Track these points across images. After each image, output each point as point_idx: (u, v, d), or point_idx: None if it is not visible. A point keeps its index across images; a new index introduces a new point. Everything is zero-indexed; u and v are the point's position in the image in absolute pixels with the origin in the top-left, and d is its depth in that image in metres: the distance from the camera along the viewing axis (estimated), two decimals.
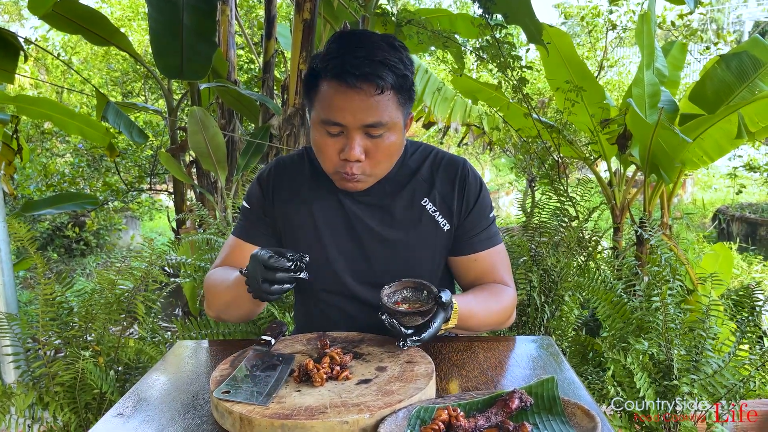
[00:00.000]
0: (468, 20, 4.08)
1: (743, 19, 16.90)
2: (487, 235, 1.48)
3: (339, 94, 1.26)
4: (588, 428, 0.97)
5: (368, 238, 1.44)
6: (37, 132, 6.87)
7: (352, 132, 1.29)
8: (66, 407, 1.89)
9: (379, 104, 1.26)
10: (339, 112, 1.27)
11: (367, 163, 1.33)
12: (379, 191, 1.45)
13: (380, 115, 1.27)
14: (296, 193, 1.49)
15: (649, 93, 3.11)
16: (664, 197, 3.56)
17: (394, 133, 1.33)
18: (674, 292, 1.98)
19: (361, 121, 1.27)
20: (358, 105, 1.26)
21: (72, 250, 7.38)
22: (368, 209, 1.45)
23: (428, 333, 1.17)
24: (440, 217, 1.45)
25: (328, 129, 1.30)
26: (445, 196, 1.46)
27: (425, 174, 1.47)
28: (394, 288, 1.24)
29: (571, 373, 1.25)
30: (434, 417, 0.98)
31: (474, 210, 1.47)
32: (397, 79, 1.27)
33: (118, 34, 3.83)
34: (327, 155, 1.34)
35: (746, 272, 4.51)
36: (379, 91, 1.25)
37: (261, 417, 0.99)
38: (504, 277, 1.49)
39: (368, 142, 1.31)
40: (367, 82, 1.24)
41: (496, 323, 1.44)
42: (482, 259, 1.48)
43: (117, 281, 1.98)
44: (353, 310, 1.48)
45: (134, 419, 1.10)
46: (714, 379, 1.81)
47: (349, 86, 1.24)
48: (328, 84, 1.28)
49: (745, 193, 8.20)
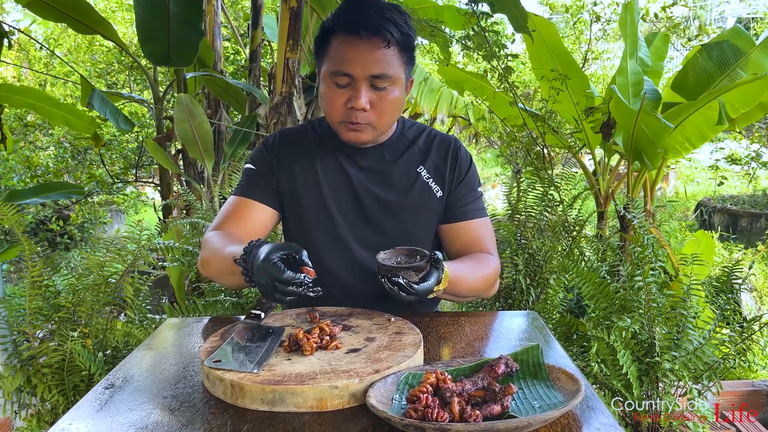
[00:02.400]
0: (454, 11, 4.09)
1: (726, 15, 17.06)
2: (475, 206, 1.58)
3: (349, 45, 1.37)
4: (572, 390, 1.00)
5: (368, 200, 1.53)
6: (20, 125, 6.80)
7: (359, 82, 1.38)
8: (54, 389, 1.89)
9: (385, 57, 1.37)
10: (348, 63, 1.37)
11: (372, 114, 1.41)
12: (379, 157, 1.54)
13: (386, 68, 1.37)
14: (301, 157, 1.56)
15: (632, 81, 3.15)
16: (647, 185, 3.61)
17: (397, 88, 1.42)
18: (656, 273, 2.02)
19: (368, 72, 1.37)
20: (367, 56, 1.36)
21: (56, 244, 7.32)
22: (368, 173, 1.54)
23: (424, 285, 1.21)
24: (433, 183, 1.55)
25: (336, 80, 1.39)
26: (439, 165, 1.56)
27: (421, 145, 1.58)
28: (388, 254, 1.29)
29: (556, 344, 1.28)
30: (422, 380, 1.00)
31: (464, 180, 1.57)
32: (402, 36, 1.38)
33: (103, 23, 3.80)
34: (335, 106, 1.42)
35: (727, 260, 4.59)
36: (385, 44, 1.36)
37: (252, 383, 1.01)
38: (489, 247, 1.56)
39: (373, 94, 1.40)
40: (375, 35, 1.35)
41: (481, 289, 1.50)
42: (470, 227, 1.56)
43: (105, 262, 1.98)
44: (350, 277, 1.53)
45: (124, 390, 1.10)
46: (695, 356, 1.85)
47: (360, 37, 1.35)
48: (338, 38, 1.39)
49: (726, 186, 8.32)
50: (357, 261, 1.53)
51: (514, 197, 2.78)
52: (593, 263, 2.19)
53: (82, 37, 7.79)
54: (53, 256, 2.10)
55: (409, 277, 1.22)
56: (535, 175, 2.78)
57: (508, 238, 2.56)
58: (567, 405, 0.93)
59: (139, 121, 6.44)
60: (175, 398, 1.06)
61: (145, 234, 2.01)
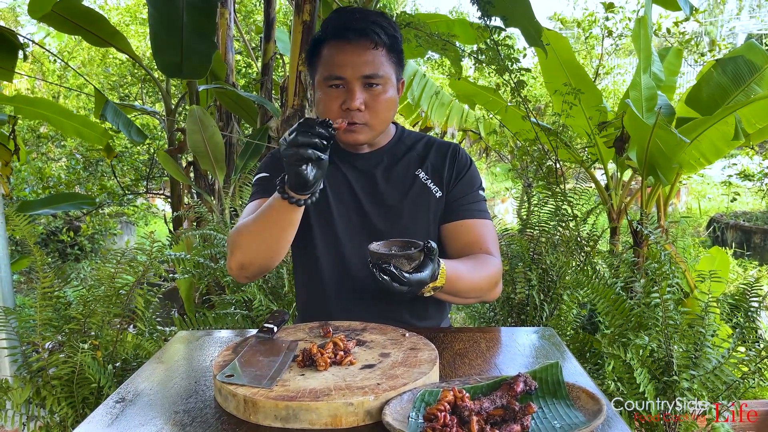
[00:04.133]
0: (466, 25, 4.10)
1: (736, 31, 17.04)
2: (476, 207, 1.56)
3: (339, 51, 1.43)
4: (593, 411, 0.97)
5: (370, 203, 1.54)
6: (33, 136, 6.86)
7: (352, 84, 1.42)
8: (63, 401, 1.88)
9: (375, 58, 1.43)
10: (339, 67, 1.42)
11: (367, 113, 1.45)
12: (377, 162, 1.57)
13: (376, 68, 1.43)
14: None
15: (646, 96, 3.13)
16: (661, 201, 3.57)
17: (389, 88, 1.46)
18: (673, 289, 1.98)
19: (360, 72, 1.42)
20: (356, 59, 1.42)
21: (66, 255, 7.34)
22: (367, 177, 1.56)
23: (417, 275, 1.17)
24: (432, 184, 1.56)
25: (330, 84, 1.44)
26: (437, 166, 1.58)
27: (419, 150, 1.61)
28: (381, 245, 1.24)
29: (574, 361, 1.25)
30: (440, 398, 0.97)
31: (463, 179, 1.57)
32: (388, 38, 1.44)
33: (117, 35, 3.83)
34: (330, 109, 1.44)
35: (742, 277, 4.53)
36: (373, 45, 1.42)
37: (265, 399, 0.99)
38: (490, 248, 1.52)
39: (367, 94, 1.44)
40: (363, 37, 1.41)
41: (481, 289, 1.46)
42: (470, 227, 1.54)
43: (116, 274, 1.97)
44: (350, 282, 1.54)
45: (136, 404, 1.09)
46: (714, 376, 1.81)
47: (348, 41, 1.41)
48: (328, 45, 1.45)
49: (738, 202, 8.24)
50: (353, 266, 1.53)
51: (525, 212, 2.76)
52: (608, 279, 2.16)
53: (96, 50, 7.86)
54: (64, 267, 2.09)
55: (401, 266, 1.17)
56: (548, 189, 2.76)
57: (521, 253, 2.53)
58: (589, 425, 0.90)
59: (151, 133, 6.48)
60: (186, 413, 1.04)
61: (157, 246, 2.00)
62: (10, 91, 6.72)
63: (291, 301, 2.45)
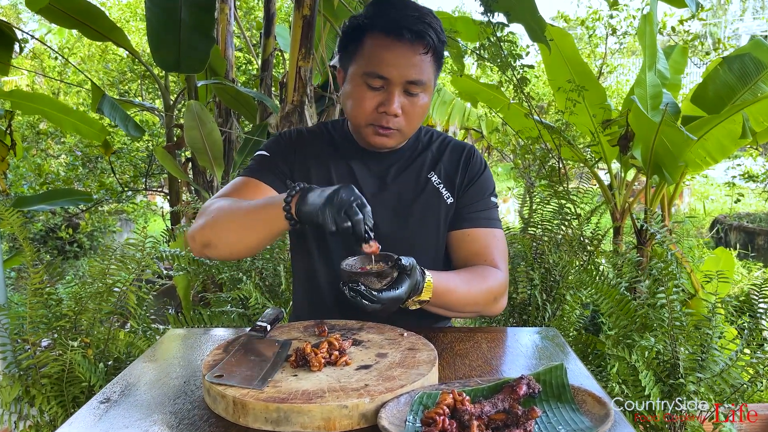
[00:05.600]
0: (468, 22, 4.05)
1: (740, 32, 17.00)
2: (485, 215, 1.49)
3: (388, 48, 1.31)
4: (600, 416, 0.92)
5: (378, 204, 1.43)
6: (32, 132, 6.82)
7: (393, 86, 1.33)
8: (53, 400, 1.83)
9: (423, 63, 1.33)
10: (386, 66, 1.31)
11: (402, 119, 1.37)
12: (391, 163, 1.49)
13: (422, 74, 1.33)
14: (317, 157, 1.50)
15: (651, 94, 3.08)
16: (665, 201, 3.53)
17: (427, 94, 1.38)
18: (679, 290, 1.93)
19: (406, 77, 1.32)
20: (406, 61, 1.31)
21: (65, 252, 7.30)
22: (379, 177, 1.48)
23: (389, 294, 1.11)
24: (444, 189, 1.49)
25: (370, 82, 1.34)
26: (450, 171, 1.50)
27: (434, 152, 1.53)
28: (356, 260, 1.20)
29: (579, 363, 1.20)
30: (438, 401, 0.93)
31: (474, 185, 1.50)
32: (439, 43, 1.35)
33: (115, 30, 3.79)
34: (364, 108, 1.36)
35: (746, 278, 4.49)
36: (425, 50, 1.32)
37: (255, 401, 0.94)
38: (497, 260, 1.45)
39: (405, 99, 1.35)
40: (418, 40, 1.30)
41: (478, 304, 1.39)
42: (477, 236, 1.47)
43: (108, 270, 1.92)
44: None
45: (121, 405, 1.04)
46: (721, 378, 1.77)
47: (401, 41, 1.30)
48: (375, 38, 1.33)
49: (742, 203, 8.18)
50: None
51: (527, 211, 2.71)
52: (612, 279, 2.11)
53: (96, 46, 7.82)
54: (56, 263, 2.04)
55: (371, 284, 1.12)
56: (551, 188, 2.71)
57: (524, 252, 2.48)
58: (596, 431, 0.85)
59: (149, 129, 6.43)
60: (174, 415, 1.00)
61: (150, 241, 1.95)
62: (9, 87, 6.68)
63: (288, 299, 2.41)
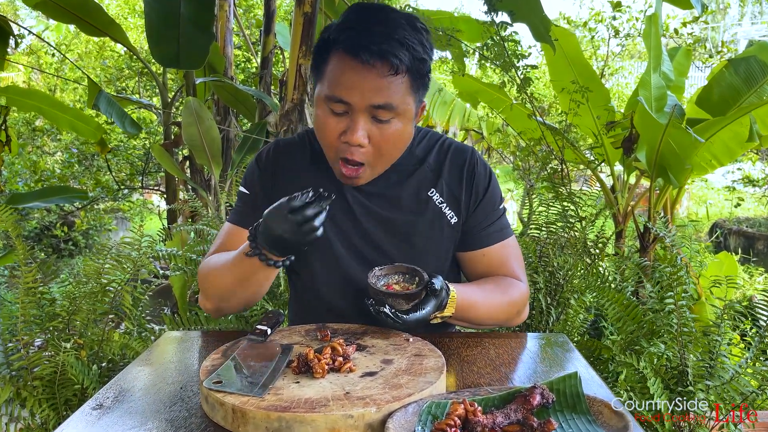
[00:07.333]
0: (470, 22, 4.01)
1: (738, 37, 17.00)
2: (496, 228, 1.39)
3: (349, 69, 1.16)
4: (617, 428, 0.88)
5: (373, 229, 1.35)
6: (28, 129, 6.75)
7: (357, 113, 1.18)
8: (45, 403, 1.78)
9: (391, 86, 1.17)
10: (346, 90, 1.17)
11: (370, 151, 1.22)
12: (385, 181, 1.35)
13: (390, 97, 1.17)
14: (296, 177, 1.38)
15: (655, 96, 3.04)
16: (668, 204, 3.48)
17: (402, 121, 1.22)
18: (687, 295, 1.89)
19: (369, 101, 1.17)
20: (368, 84, 1.16)
21: (60, 250, 7.23)
22: (373, 198, 1.36)
23: (414, 316, 1.10)
24: (447, 209, 1.36)
25: (332, 106, 1.20)
26: (453, 187, 1.37)
27: (432, 164, 1.38)
28: (385, 270, 1.17)
29: (591, 371, 1.16)
30: (449, 412, 0.88)
31: (483, 202, 1.38)
32: (414, 61, 1.17)
33: (113, 25, 3.74)
34: (327, 136, 1.23)
35: (748, 283, 4.45)
36: (392, 71, 1.15)
37: (256, 409, 0.90)
38: (516, 271, 1.39)
39: (374, 127, 1.20)
40: (381, 60, 1.14)
41: (501, 317, 1.35)
42: (492, 253, 1.39)
43: (103, 269, 1.87)
44: (352, 309, 1.36)
45: (114, 411, 0.99)
46: (731, 386, 1.72)
47: (362, 62, 1.14)
48: (338, 57, 1.18)
49: (741, 208, 8.17)
50: (360, 289, 1.31)
51: (527, 213, 2.67)
52: (618, 283, 2.07)
53: (93, 43, 7.77)
54: (50, 262, 1.99)
55: (398, 306, 1.10)
56: (553, 190, 2.67)
57: (528, 255, 2.43)
58: None
59: (147, 127, 6.38)
60: (170, 422, 0.95)
61: (146, 240, 1.90)
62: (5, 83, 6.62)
63: (287, 301, 2.36)
